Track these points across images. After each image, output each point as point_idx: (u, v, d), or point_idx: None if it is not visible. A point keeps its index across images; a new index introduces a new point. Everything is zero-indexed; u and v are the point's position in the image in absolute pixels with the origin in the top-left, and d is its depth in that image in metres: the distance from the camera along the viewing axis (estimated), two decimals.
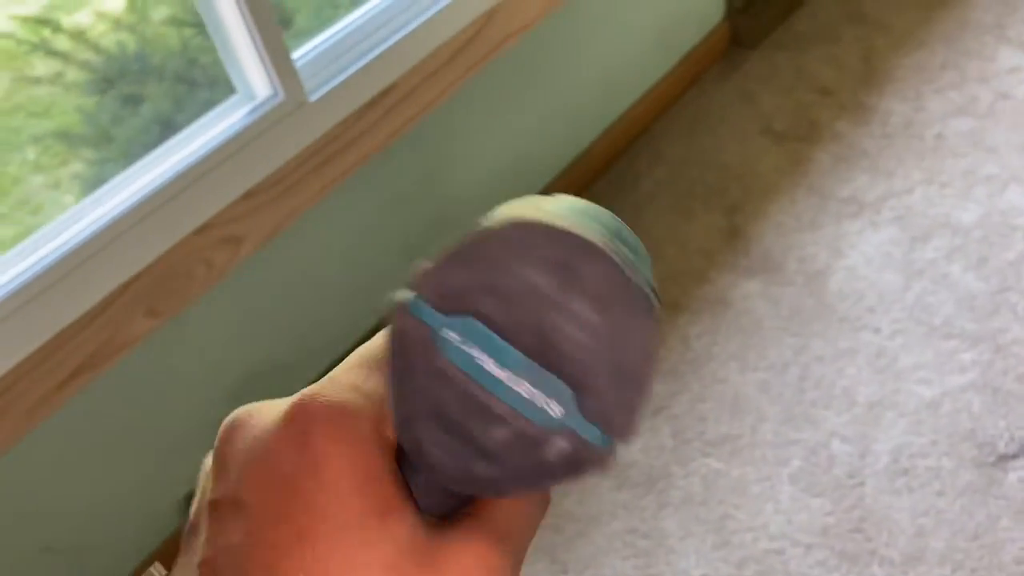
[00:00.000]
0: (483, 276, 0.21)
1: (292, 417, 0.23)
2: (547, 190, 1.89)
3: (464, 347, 0.21)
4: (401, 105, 1.48)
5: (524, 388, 0.21)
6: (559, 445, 0.21)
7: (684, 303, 1.71)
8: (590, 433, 0.21)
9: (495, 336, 0.21)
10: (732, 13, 2.21)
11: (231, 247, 1.32)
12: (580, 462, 0.21)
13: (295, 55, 1.37)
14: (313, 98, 1.36)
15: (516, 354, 0.21)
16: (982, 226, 1.72)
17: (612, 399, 0.21)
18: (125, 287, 1.21)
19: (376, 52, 1.42)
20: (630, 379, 0.21)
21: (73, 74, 1.73)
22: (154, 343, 1.28)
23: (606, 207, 1.92)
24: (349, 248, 1.52)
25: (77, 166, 1.84)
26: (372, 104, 1.43)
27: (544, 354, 0.21)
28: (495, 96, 1.68)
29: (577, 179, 1.94)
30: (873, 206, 1.80)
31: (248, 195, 1.33)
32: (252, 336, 1.42)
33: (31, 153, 1.91)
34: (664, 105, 2.11)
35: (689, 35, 2.14)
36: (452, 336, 0.21)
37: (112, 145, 1.80)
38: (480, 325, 0.21)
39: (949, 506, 1.36)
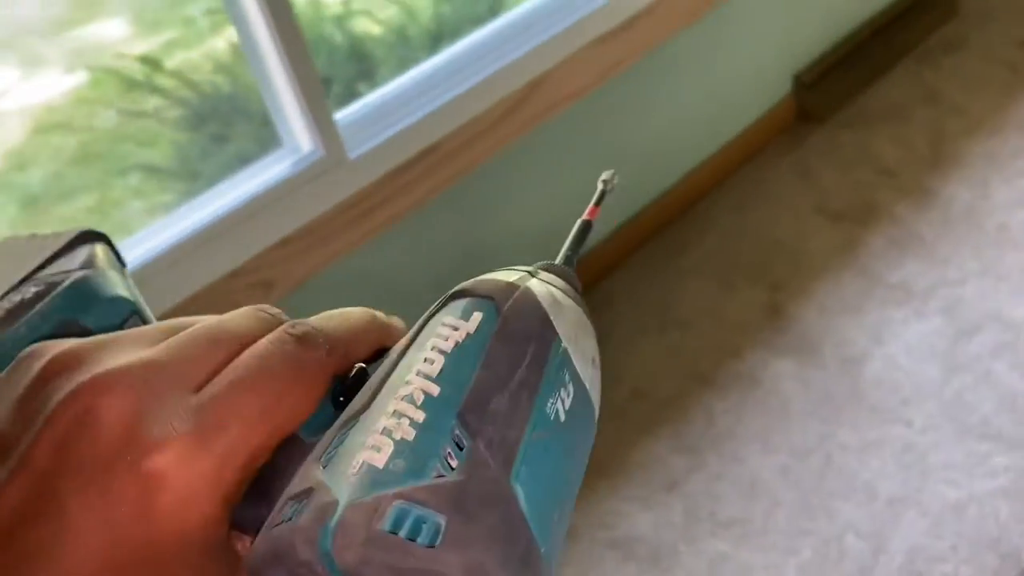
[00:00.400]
0: None
1: (145, 468, 0.21)
2: (593, 253, 1.91)
3: None
4: (441, 165, 1.53)
5: None
6: None
7: (713, 377, 1.70)
8: None
9: None
10: (800, 87, 2.19)
11: (261, 291, 1.39)
12: None
13: (339, 115, 1.44)
14: (353, 155, 1.43)
15: None
16: None
17: None
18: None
19: (419, 115, 1.48)
20: None
21: (172, 110, 1.86)
22: None
23: (649, 273, 1.93)
24: (378, 300, 1.57)
25: (168, 196, 1.98)
26: (411, 163, 1.49)
27: None
28: (542, 158, 1.72)
29: (623, 244, 1.96)
30: (922, 294, 1.75)
31: (283, 243, 1.40)
32: None
33: (134, 179, 2.06)
34: (721, 175, 2.11)
35: (753, 107, 2.14)
36: None
37: (198, 180, 1.93)
38: None
39: None
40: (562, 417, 0.24)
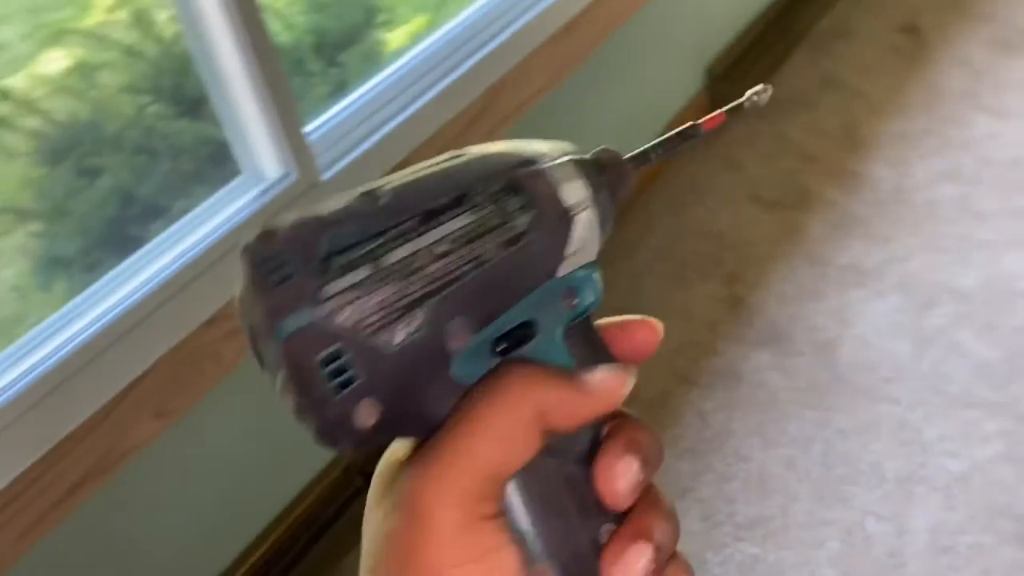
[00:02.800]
0: None
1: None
2: None
3: None
4: None
5: None
6: None
7: (694, 377, 1.66)
8: None
9: None
10: (712, 81, 2.21)
11: (241, 338, 1.22)
12: None
13: (305, 130, 1.29)
14: (326, 176, 1.28)
15: None
16: (985, 292, 1.72)
17: None
18: (128, 390, 1.10)
19: (388, 127, 1.35)
20: None
21: (16, 142, 1.61)
22: (162, 445, 1.16)
23: (604, 275, 1.87)
24: None
25: (19, 238, 1.69)
26: None
27: None
28: None
29: None
30: (874, 273, 1.79)
31: None
32: (265, 426, 1.31)
33: None
34: (651, 174, 2.08)
35: (669, 105, 2.13)
36: None
37: (67, 219, 1.67)
38: None
39: None
40: None
